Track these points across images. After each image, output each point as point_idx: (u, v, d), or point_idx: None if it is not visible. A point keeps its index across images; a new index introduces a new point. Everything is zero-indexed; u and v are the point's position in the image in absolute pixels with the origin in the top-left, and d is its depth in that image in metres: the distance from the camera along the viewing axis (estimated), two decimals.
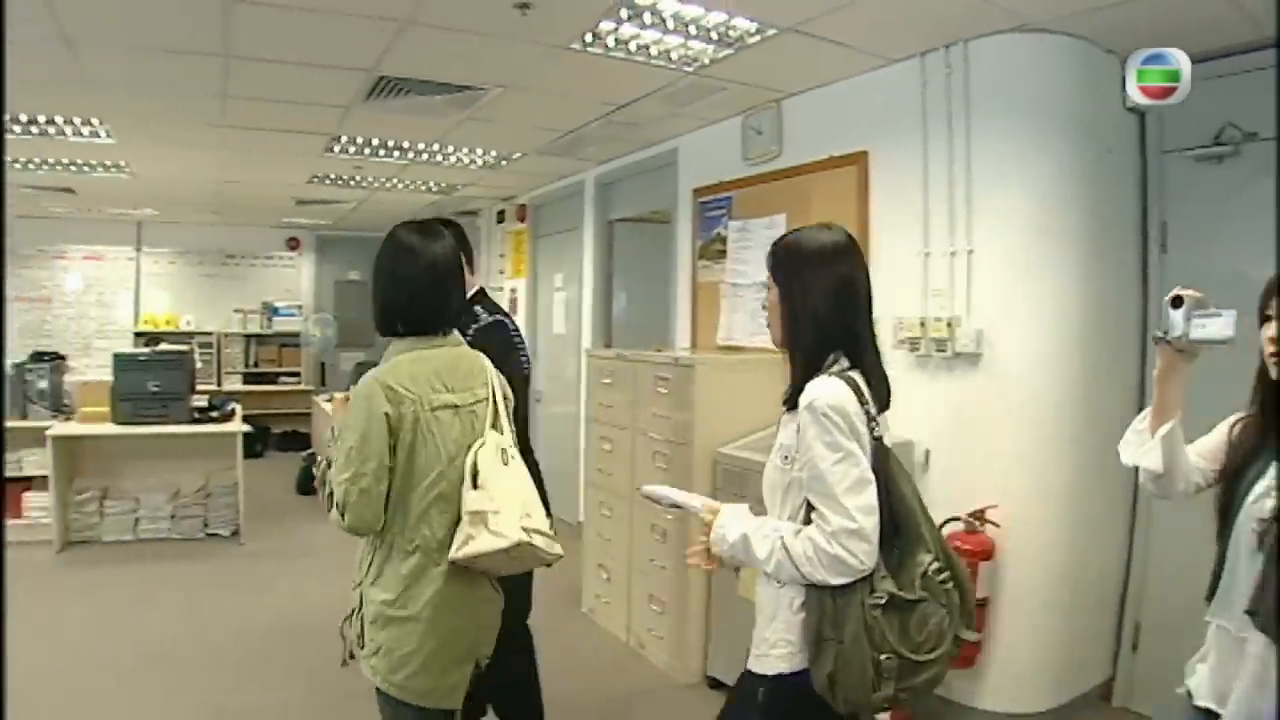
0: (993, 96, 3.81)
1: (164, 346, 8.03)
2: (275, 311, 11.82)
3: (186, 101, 5.34)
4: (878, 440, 1.95)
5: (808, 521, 1.94)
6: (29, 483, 7.04)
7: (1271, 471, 1.87)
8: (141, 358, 7.13)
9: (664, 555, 4.52)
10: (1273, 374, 1.91)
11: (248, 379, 11.61)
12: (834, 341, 2.04)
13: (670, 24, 3.89)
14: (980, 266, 3.83)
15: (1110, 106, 3.86)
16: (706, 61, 4.31)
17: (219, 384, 11.12)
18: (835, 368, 2.01)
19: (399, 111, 5.39)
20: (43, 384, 7.07)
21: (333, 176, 7.94)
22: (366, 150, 6.72)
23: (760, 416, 4.29)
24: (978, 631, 3.67)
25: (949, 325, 3.86)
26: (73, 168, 7.57)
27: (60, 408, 7.14)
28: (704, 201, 5.54)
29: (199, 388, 7.71)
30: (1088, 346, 3.83)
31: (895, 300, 4.10)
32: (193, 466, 7.08)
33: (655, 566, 4.60)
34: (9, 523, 6.92)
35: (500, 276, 9.30)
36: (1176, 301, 1.93)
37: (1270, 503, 1.83)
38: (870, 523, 1.87)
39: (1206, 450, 2.10)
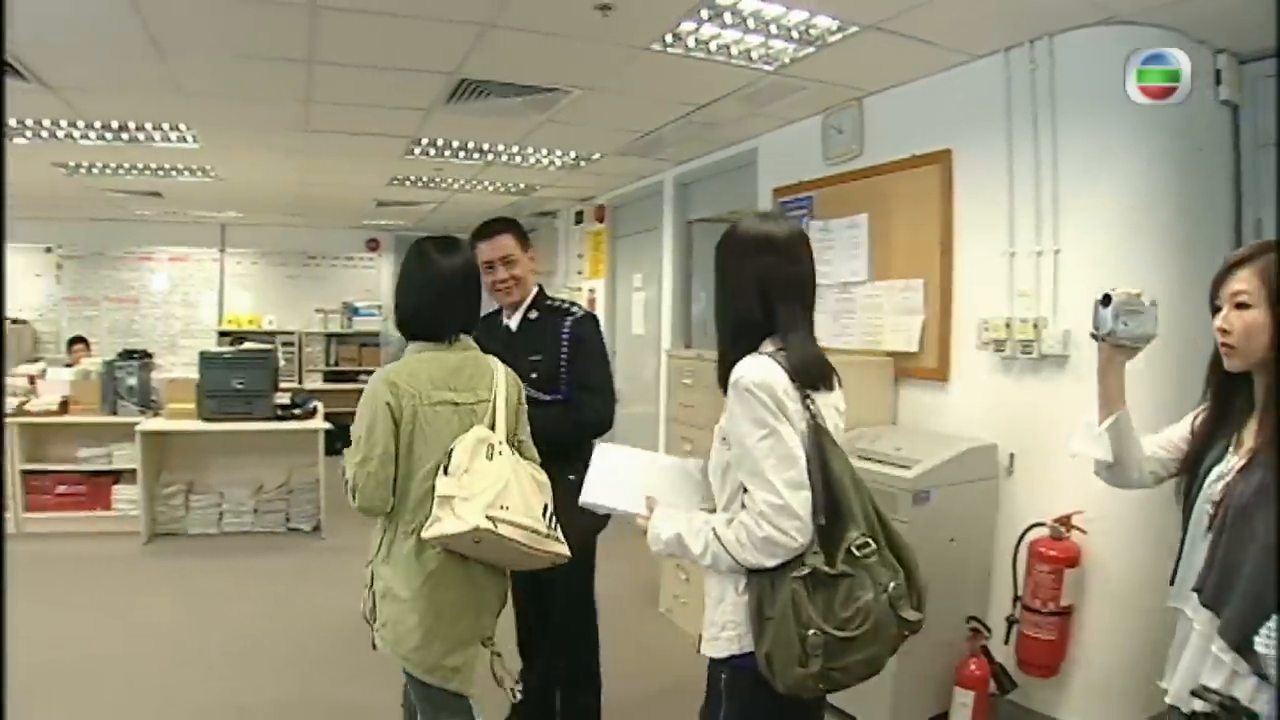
0: (1079, 92, 3.78)
1: (248, 345, 8.28)
2: (355, 311, 12.13)
3: (271, 107, 5.54)
4: (812, 419, 2.01)
5: None
6: (118, 476, 7.37)
7: (1226, 458, 1.95)
8: (226, 356, 7.40)
9: None
10: (1226, 364, 1.97)
11: (328, 377, 11.89)
12: (755, 327, 2.11)
13: (751, 23, 3.94)
14: (1067, 266, 3.80)
15: (1202, 100, 3.80)
16: (787, 60, 4.35)
17: (300, 382, 11.41)
18: (767, 349, 2.08)
19: (479, 114, 5.52)
20: (131, 381, 7.35)
21: (413, 178, 8.13)
22: (446, 152, 6.87)
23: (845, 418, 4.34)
24: (1065, 636, 3.67)
25: (1035, 327, 3.84)
26: (160, 172, 7.86)
27: (148, 404, 7.42)
28: (784, 201, 5.57)
29: (281, 386, 7.95)
30: (1178, 348, 3.78)
31: (980, 301, 4.11)
32: (275, 462, 7.32)
33: None
34: (98, 513, 7.30)
35: (579, 277, 9.44)
36: (1105, 300, 2.06)
37: (1221, 486, 1.91)
38: (798, 499, 1.93)
39: (1168, 442, 2.18)
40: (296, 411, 7.33)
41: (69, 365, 8.43)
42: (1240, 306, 1.91)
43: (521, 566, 2.68)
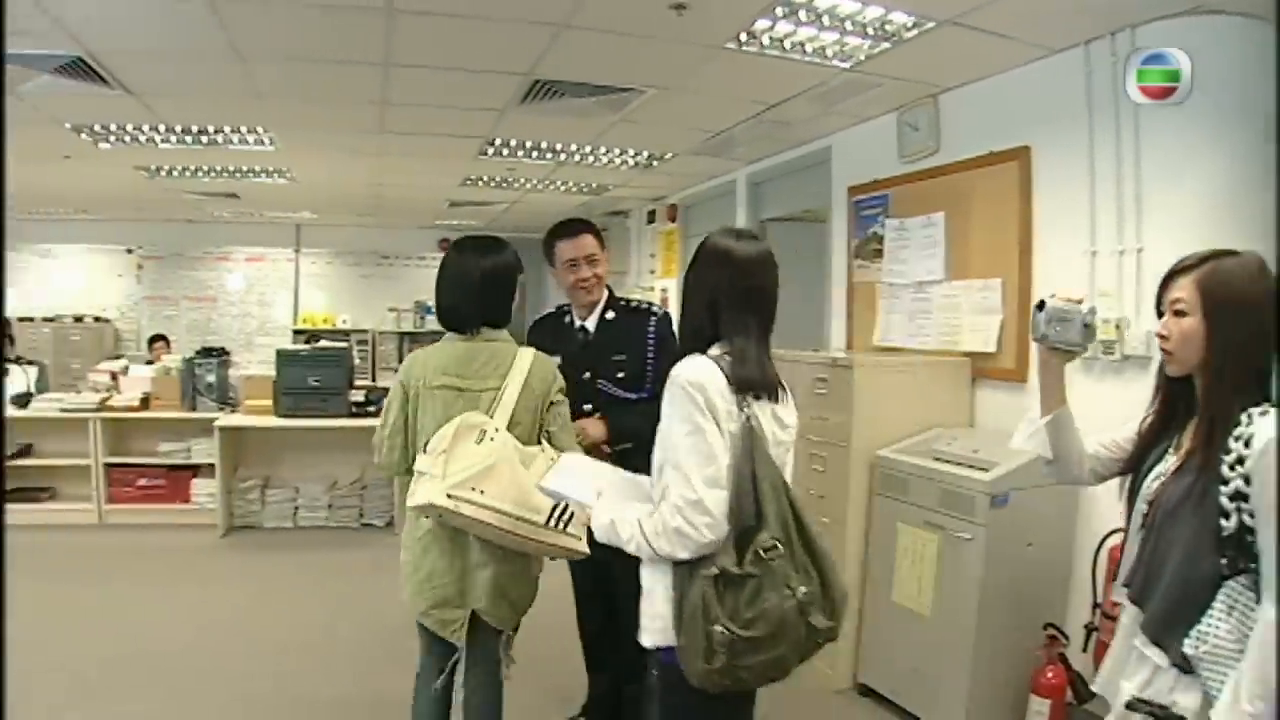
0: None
1: (324, 344, 8.48)
2: (428, 310, 12.33)
3: (347, 109, 5.71)
4: (746, 422, 2.09)
5: None
6: (196, 470, 7.60)
7: (1165, 458, 2.05)
8: (303, 354, 7.60)
9: None
10: (1166, 369, 2.09)
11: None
12: (703, 333, 2.22)
13: (826, 20, 3.96)
14: (1150, 265, 3.72)
15: None
16: (862, 57, 4.36)
17: (374, 379, 11.61)
18: (713, 353, 2.18)
19: (553, 114, 5.62)
20: (210, 377, 7.58)
21: (486, 179, 8.28)
22: (520, 152, 6.99)
23: (920, 419, 4.35)
24: None
25: (1117, 327, 3.79)
26: (237, 174, 8.14)
27: (226, 400, 7.64)
28: (859, 200, 5.58)
29: (356, 383, 8.12)
30: None
31: None
32: (350, 459, 7.45)
33: None
34: (177, 506, 7.53)
35: (650, 276, 9.51)
36: (1040, 305, 2.21)
37: (1156, 485, 2.02)
38: (713, 496, 2.01)
39: (1113, 442, 2.29)
40: (371, 409, 7.44)
41: (150, 362, 8.73)
42: (1178, 314, 2.00)
43: (528, 551, 2.80)
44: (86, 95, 5.28)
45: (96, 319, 12.04)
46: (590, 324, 3.50)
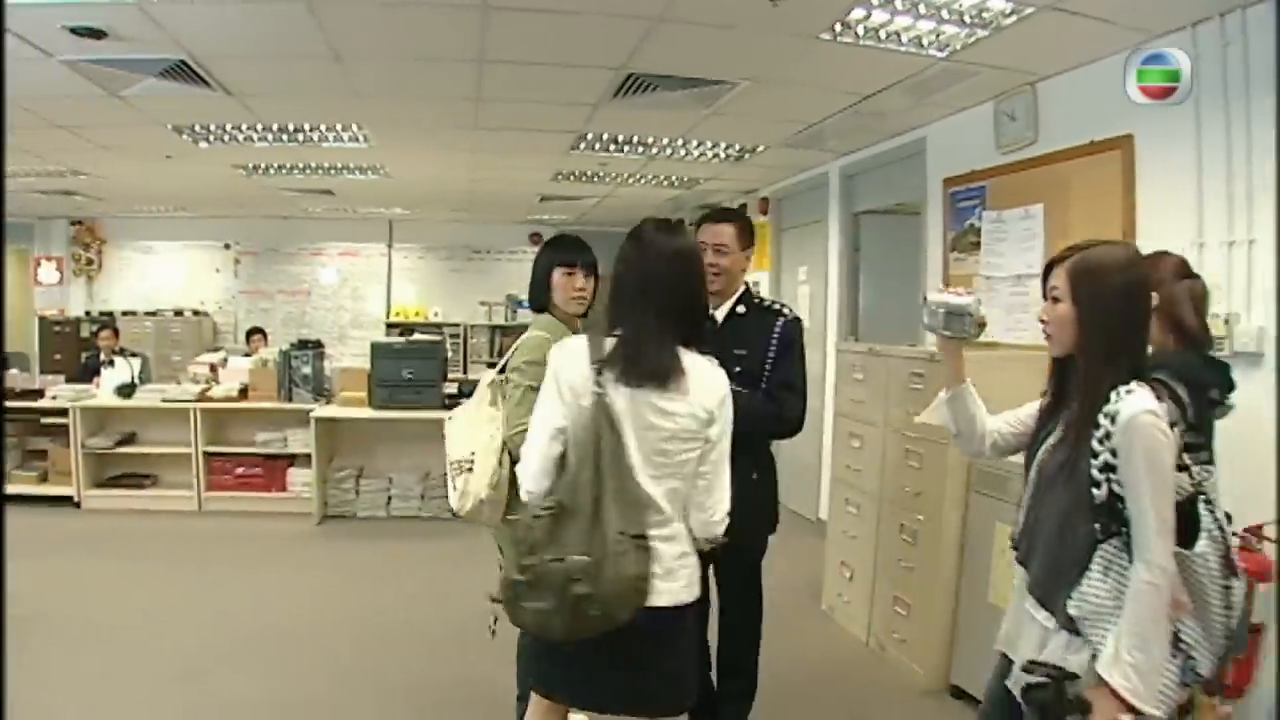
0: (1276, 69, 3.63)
1: (417, 336, 8.66)
2: (519, 304, 12.41)
3: (441, 106, 5.83)
4: (599, 399, 2.32)
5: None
6: (292, 460, 7.89)
7: (1055, 432, 2.26)
8: (397, 347, 7.76)
9: (913, 557, 4.56)
10: (1050, 350, 2.32)
11: (493, 368, 12.23)
12: (615, 324, 2.43)
13: (922, 9, 3.94)
14: (1262, 257, 3.64)
15: None
16: (958, 46, 4.33)
17: (465, 372, 11.84)
18: (615, 334, 2.42)
19: (645, 108, 5.67)
20: (306, 369, 7.82)
21: (577, 173, 8.37)
22: (611, 147, 7.07)
23: None
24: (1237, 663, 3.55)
25: (1226, 322, 3.70)
26: (332, 171, 8.36)
27: (321, 391, 7.90)
28: (955, 192, 5.53)
29: (449, 376, 8.32)
30: None
31: None
32: (443, 450, 7.61)
33: (903, 568, 4.63)
34: (274, 494, 7.83)
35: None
36: (924, 299, 2.50)
37: (1044, 455, 2.27)
38: (532, 452, 2.39)
39: (1017, 419, 2.54)
40: (464, 401, 7.60)
41: (247, 354, 9.03)
42: (1054, 300, 2.24)
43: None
44: (188, 97, 5.47)
45: (195, 313, 12.47)
46: (719, 315, 3.51)
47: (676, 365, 2.35)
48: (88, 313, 12.24)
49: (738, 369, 3.35)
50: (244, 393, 7.95)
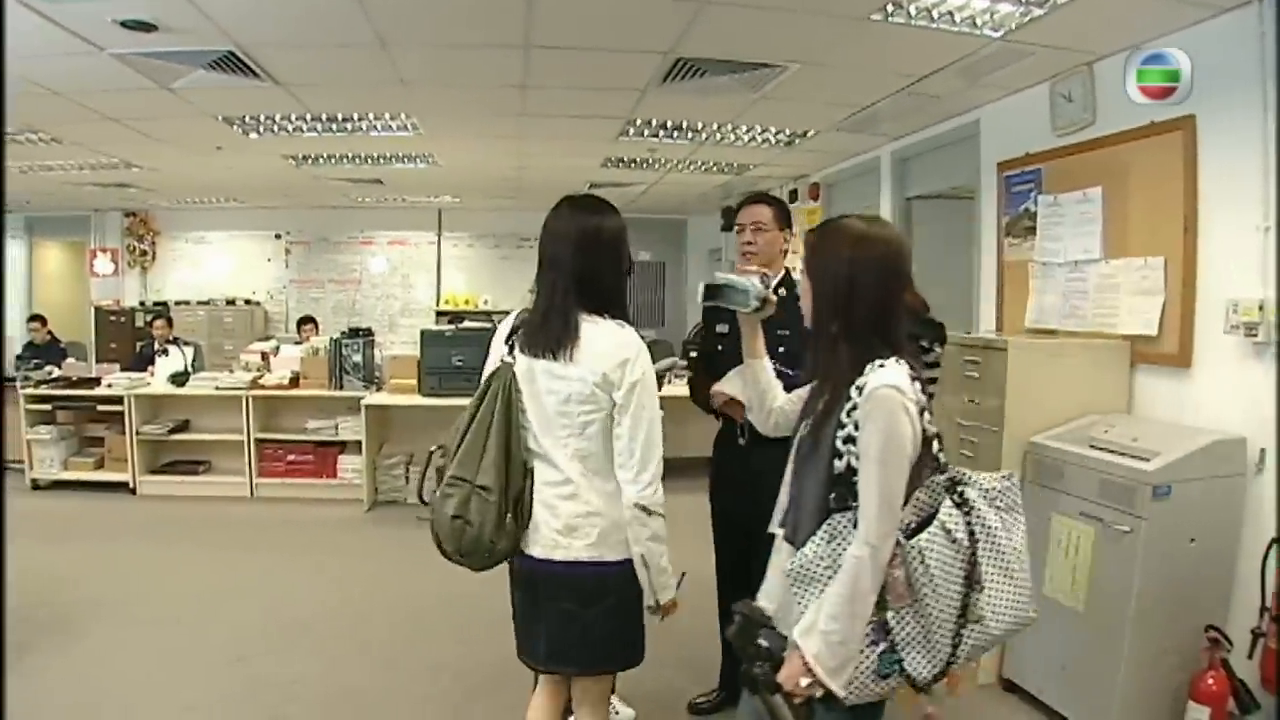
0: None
1: (467, 324, 8.70)
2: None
3: (488, 93, 5.83)
4: (501, 364, 2.64)
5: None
6: (343, 447, 7.99)
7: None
8: (447, 334, 7.84)
9: None
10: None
11: None
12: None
13: None
14: None
15: None
16: (1013, 25, 4.24)
17: None
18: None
19: (693, 93, 5.64)
20: (356, 357, 7.90)
21: (626, 160, 8.35)
22: (661, 133, 7.04)
23: (1076, 405, 4.22)
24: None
25: None
26: (381, 160, 8.41)
27: (371, 379, 7.98)
28: (1010, 175, 5.43)
29: None
30: None
31: (1229, 281, 3.86)
32: None
33: None
34: (325, 481, 7.93)
35: (794, 256, 9.37)
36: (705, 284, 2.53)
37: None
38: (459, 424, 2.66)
39: (799, 398, 2.45)
40: None
41: (298, 343, 9.13)
42: (803, 273, 2.27)
43: None
44: (236, 88, 5.53)
45: (247, 302, 12.69)
46: None
47: (570, 334, 2.51)
48: (141, 303, 12.50)
49: (780, 348, 3.36)
50: (295, 381, 8.06)
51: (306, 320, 10.67)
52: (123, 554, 6.29)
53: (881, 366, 2.03)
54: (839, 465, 2.05)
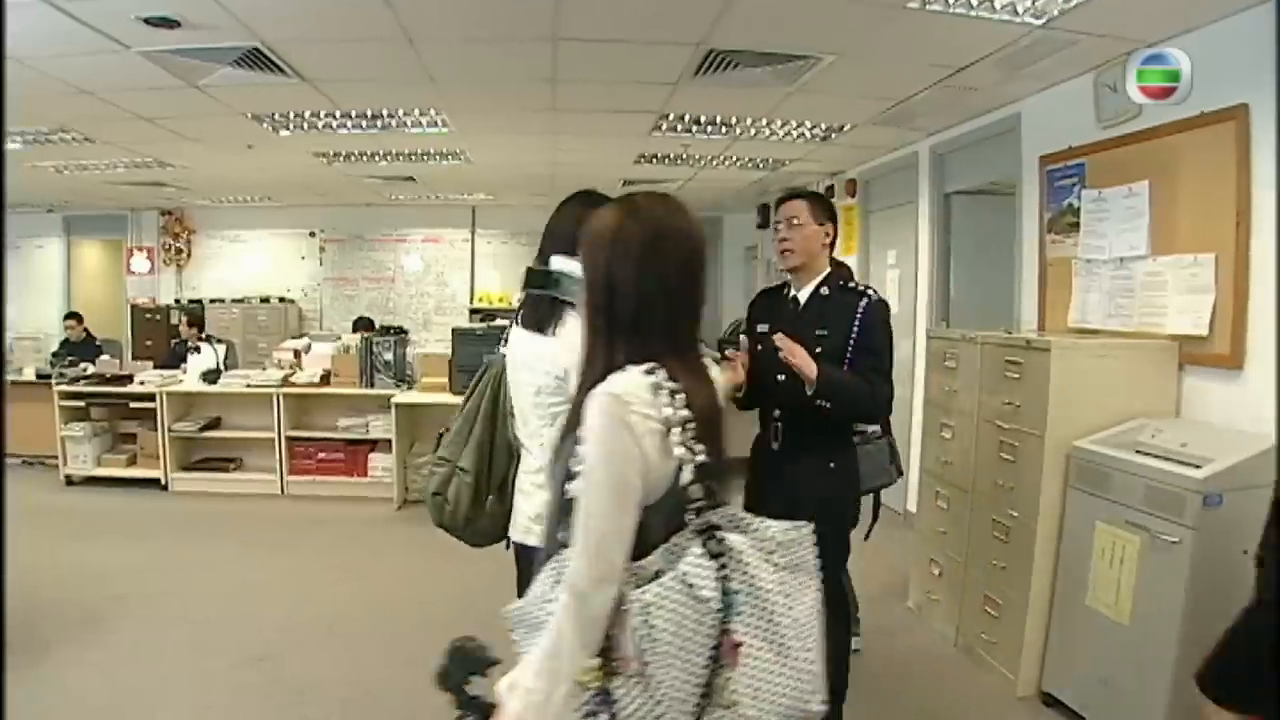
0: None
1: (499, 322, 8.65)
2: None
3: (518, 88, 5.75)
4: (500, 355, 2.81)
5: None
6: (374, 445, 7.99)
7: None
8: (478, 332, 7.77)
9: (1006, 555, 4.35)
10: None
11: None
12: None
13: None
14: None
15: None
16: (1055, 12, 4.07)
17: None
18: None
19: (726, 86, 5.52)
20: (387, 355, 7.90)
21: (659, 155, 8.24)
22: (694, 128, 6.92)
23: (1121, 408, 4.08)
24: None
25: None
26: (413, 158, 8.37)
27: (403, 377, 7.97)
28: (1052, 170, 5.27)
29: None
30: None
31: None
32: None
33: (995, 567, 4.43)
34: (355, 479, 7.93)
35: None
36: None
37: None
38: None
39: None
40: None
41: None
42: None
43: None
44: (263, 85, 5.50)
45: (281, 300, 12.73)
46: (803, 296, 3.49)
47: (555, 315, 2.54)
48: (177, 300, 12.59)
49: (818, 349, 3.30)
50: (326, 379, 8.06)
51: (363, 322, 10.60)
52: (152, 551, 6.33)
53: (622, 372, 1.70)
54: (570, 490, 1.70)
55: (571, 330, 2.44)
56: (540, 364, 2.54)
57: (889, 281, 7.89)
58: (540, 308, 2.59)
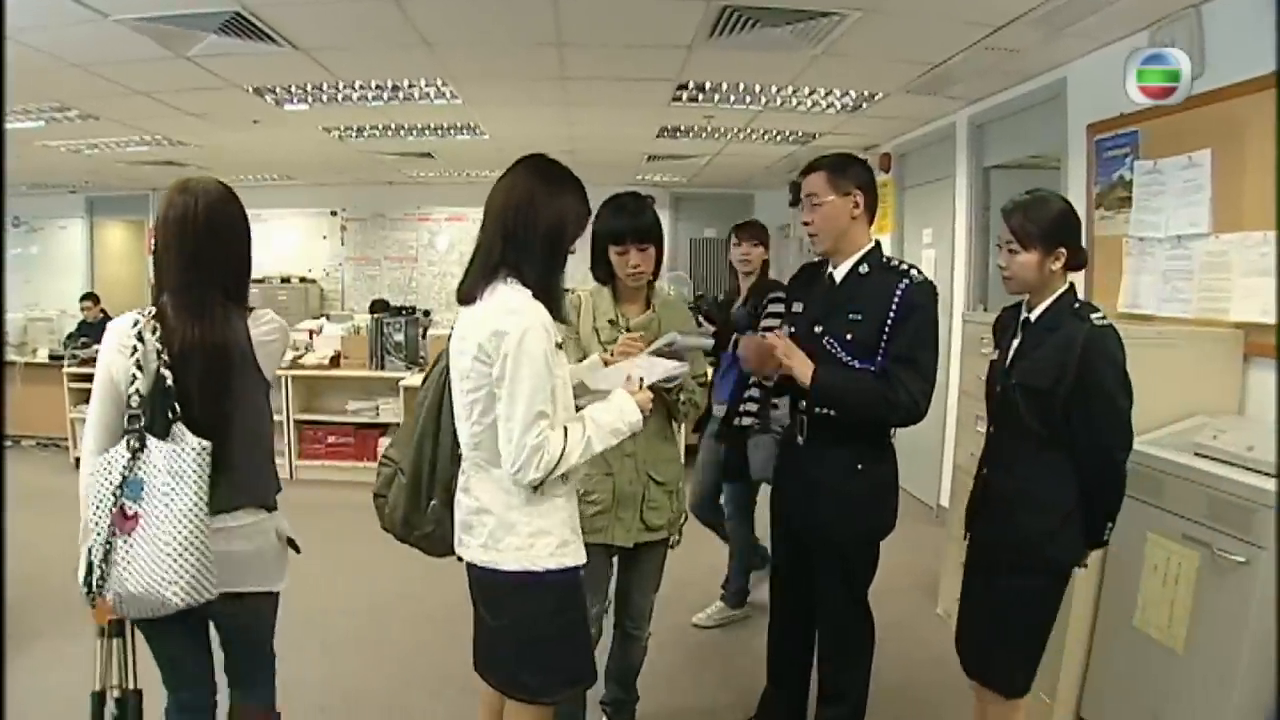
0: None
1: None
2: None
3: (522, 53, 5.45)
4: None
5: None
6: (384, 429, 7.79)
7: None
8: None
9: None
10: None
11: None
12: None
13: None
14: None
15: None
16: None
17: None
18: None
19: (747, 48, 5.14)
20: (399, 336, 7.67)
21: (682, 129, 7.92)
22: (716, 96, 6.57)
23: (1178, 404, 3.64)
24: None
25: None
26: (427, 131, 8.08)
27: (415, 360, 7.75)
28: (1101, 139, 4.80)
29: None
30: None
31: None
32: None
33: None
34: (365, 464, 7.67)
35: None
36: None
37: None
38: None
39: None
40: None
41: None
42: None
43: None
44: (255, 54, 5.28)
45: (302, 279, 12.59)
46: (839, 274, 3.03)
47: (479, 286, 2.33)
48: None
49: (849, 336, 2.89)
50: (335, 360, 7.86)
51: (381, 305, 10.45)
52: None
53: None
54: None
55: (493, 302, 2.29)
56: (466, 343, 2.30)
57: (924, 261, 7.46)
58: (472, 273, 2.39)
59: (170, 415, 2.23)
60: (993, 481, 2.94)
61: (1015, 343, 2.87)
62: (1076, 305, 2.79)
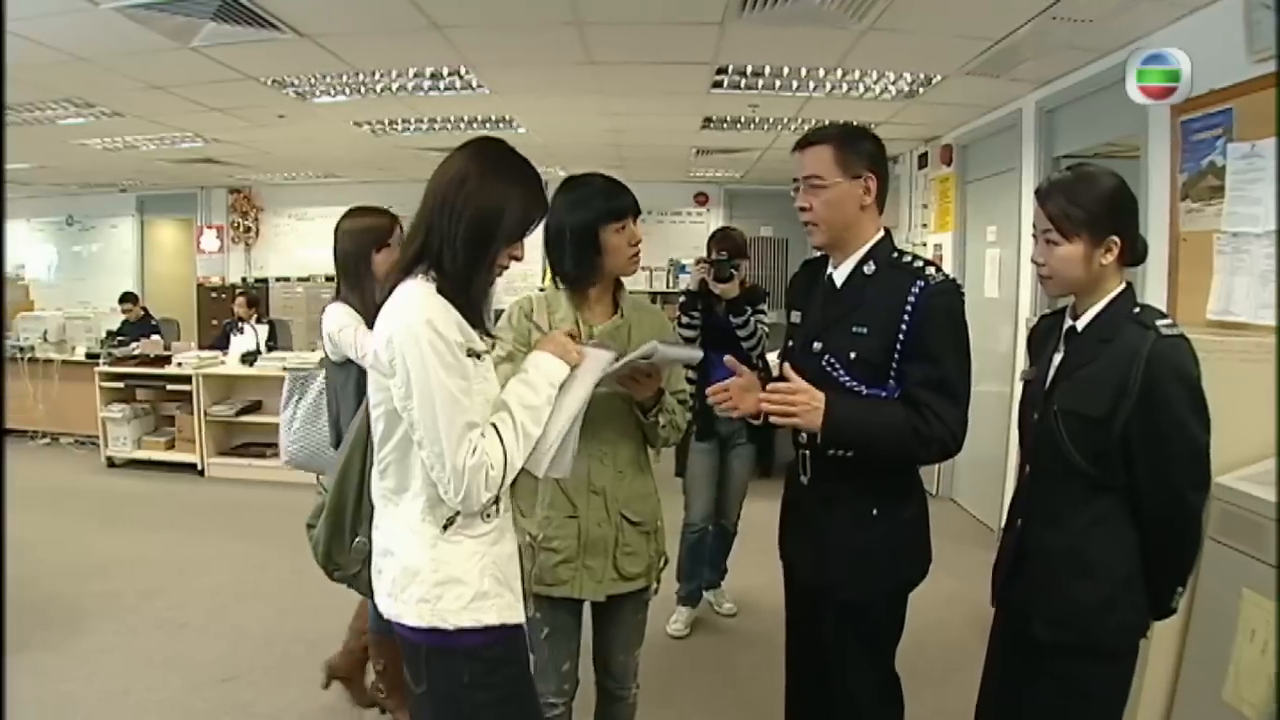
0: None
1: None
2: (681, 269, 11.83)
3: (541, 35, 5.08)
4: None
5: None
6: None
7: None
8: None
9: None
10: None
11: None
12: None
13: None
14: None
15: None
16: None
17: None
18: None
19: (785, 24, 4.63)
20: None
21: (728, 119, 7.51)
22: (759, 82, 6.09)
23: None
24: None
25: None
26: (460, 125, 7.78)
27: None
28: (1188, 120, 4.19)
29: None
30: None
31: None
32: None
33: None
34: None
35: (923, 230, 8.32)
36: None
37: None
38: None
39: None
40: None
41: None
42: None
43: None
44: (262, 43, 5.08)
45: None
46: (840, 275, 2.40)
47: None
48: (243, 279, 12.61)
49: (852, 353, 2.26)
50: None
51: None
52: (167, 542, 6.12)
53: None
54: None
55: (401, 292, 1.92)
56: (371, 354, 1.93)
57: (989, 261, 6.89)
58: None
59: None
60: (1030, 537, 2.27)
61: (1057, 358, 2.27)
62: (1137, 310, 2.19)
